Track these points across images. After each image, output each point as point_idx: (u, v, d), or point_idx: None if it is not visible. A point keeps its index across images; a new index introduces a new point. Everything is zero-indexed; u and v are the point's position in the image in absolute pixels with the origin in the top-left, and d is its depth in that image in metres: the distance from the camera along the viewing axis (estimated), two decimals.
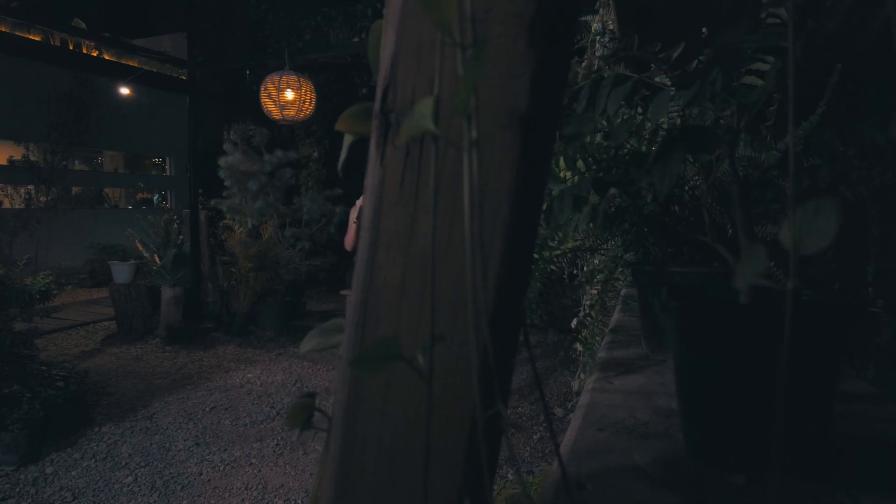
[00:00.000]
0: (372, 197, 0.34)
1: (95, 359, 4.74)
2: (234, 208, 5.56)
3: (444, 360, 0.30)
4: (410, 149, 0.32)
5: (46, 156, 6.85)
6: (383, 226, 0.33)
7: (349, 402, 0.34)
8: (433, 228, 0.30)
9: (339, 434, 0.34)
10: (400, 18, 0.32)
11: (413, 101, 0.31)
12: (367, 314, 0.34)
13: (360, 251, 0.34)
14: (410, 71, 0.32)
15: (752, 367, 0.50)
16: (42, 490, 2.78)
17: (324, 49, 5.67)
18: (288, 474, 2.95)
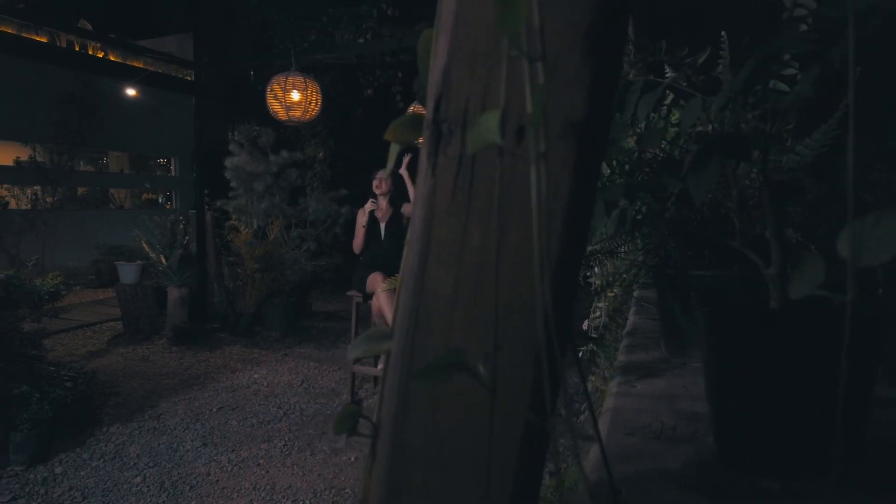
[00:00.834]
0: (423, 206, 0.34)
1: (102, 359, 4.75)
2: (240, 209, 5.58)
3: (498, 369, 0.30)
4: (463, 159, 0.32)
5: (53, 156, 6.88)
6: (435, 235, 0.33)
7: (398, 411, 0.34)
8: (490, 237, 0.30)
9: (388, 442, 0.34)
10: (453, 28, 0.32)
11: (467, 112, 0.32)
12: (417, 323, 0.34)
13: (409, 260, 0.35)
14: (464, 81, 0.32)
15: (787, 373, 0.50)
16: (52, 490, 2.80)
17: (329, 50, 5.67)
18: (296, 475, 2.96)
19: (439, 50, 0.33)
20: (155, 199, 11.17)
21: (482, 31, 0.31)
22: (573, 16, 0.29)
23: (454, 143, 0.32)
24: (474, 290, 0.32)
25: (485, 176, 0.31)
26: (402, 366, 0.34)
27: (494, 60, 0.30)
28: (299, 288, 5.78)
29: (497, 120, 0.25)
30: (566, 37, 0.29)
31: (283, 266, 5.45)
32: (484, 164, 0.31)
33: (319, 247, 6.08)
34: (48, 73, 6.81)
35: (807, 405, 0.49)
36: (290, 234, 5.90)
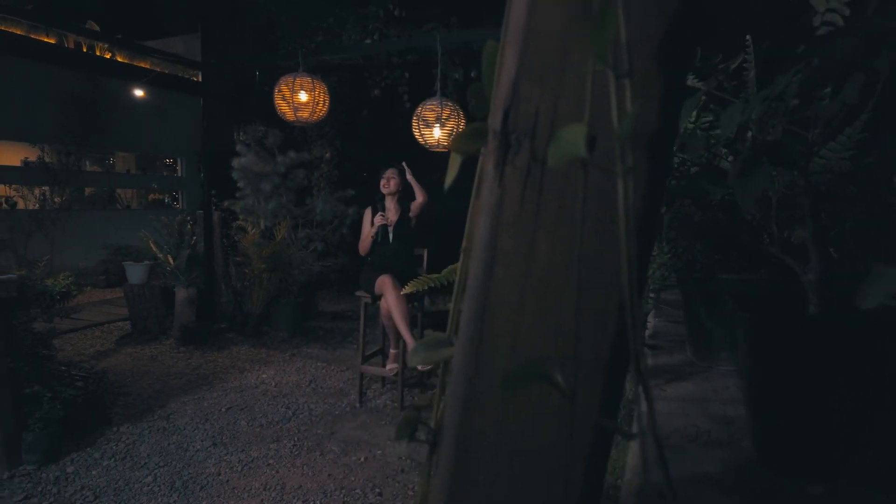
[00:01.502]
0: (488, 216, 0.34)
1: (111, 359, 4.77)
2: (248, 209, 5.59)
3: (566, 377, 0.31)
4: (531, 169, 0.32)
5: (61, 157, 6.91)
6: (501, 245, 0.33)
7: (463, 418, 0.35)
8: (559, 247, 0.30)
9: (452, 448, 0.35)
10: (523, 40, 0.32)
11: (537, 124, 0.32)
12: (483, 331, 0.34)
13: (475, 269, 0.35)
14: (534, 93, 0.32)
15: (830, 378, 0.51)
16: (64, 489, 2.81)
17: (336, 51, 5.68)
18: (306, 475, 2.96)
19: (507, 62, 0.33)
20: (161, 200, 11.20)
21: (552, 44, 0.31)
22: (645, 31, 0.29)
23: (522, 153, 0.33)
24: (542, 298, 0.32)
25: (554, 186, 0.32)
26: (467, 373, 0.34)
27: (565, 73, 0.31)
28: (306, 288, 5.79)
29: (584, 134, 0.25)
30: (642, 50, 0.29)
31: (291, 266, 5.47)
32: (553, 174, 0.32)
33: (326, 247, 6.09)
34: (56, 74, 6.84)
35: (850, 410, 0.50)
36: (298, 235, 5.91)
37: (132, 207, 10.51)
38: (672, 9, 0.28)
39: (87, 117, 7.47)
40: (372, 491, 2.81)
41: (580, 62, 0.30)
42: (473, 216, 0.36)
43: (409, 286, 1.07)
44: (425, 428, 0.40)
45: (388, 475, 2.97)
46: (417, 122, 4.61)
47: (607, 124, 0.27)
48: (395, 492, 2.81)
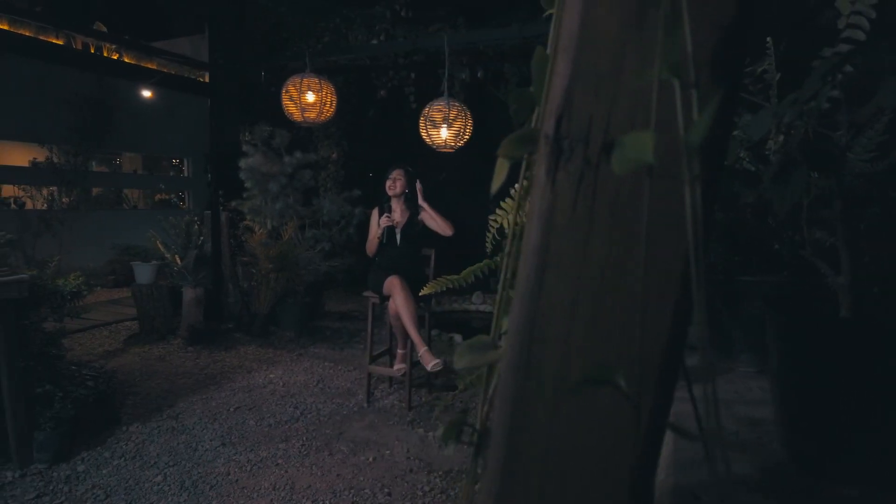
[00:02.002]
0: (540, 221, 0.35)
1: (119, 358, 4.80)
2: (255, 209, 5.61)
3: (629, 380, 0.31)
4: (584, 175, 0.33)
5: (69, 157, 6.95)
6: (553, 249, 0.34)
7: (514, 420, 0.35)
8: (613, 251, 0.30)
9: (502, 451, 0.35)
10: (577, 48, 0.32)
11: (590, 130, 0.32)
12: (533, 335, 0.35)
13: (526, 273, 0.35)
14: (587, 100, 0.33)
15: (868, 382, 0.51)
16: (75, 488, 2.83)
17: (344, 51, 5.69)
18: (315, 475, 2.97)
19: (559, 69, 0.34)
20: (168, 200, 11.24)
21: (606, 52, 0.31)
22: (700, 40, 0.29)
23: (575, 159, 0.33)
24: (595, 303, 0.32)
25: (607, 191, 0.32)
26: (518, 377, 0.35)
27: (620, 81, 0.31)
28: (313, 288, 5.81)
29: (651, 141, 0.25)
30: (697, 60, 0.29)
31: (298, 266, 5.48)
32: (606, 179, 0.32)
33: (333, 247, 6.11)
34: (64, 75, 6.88)
35: (886, 413, 0.50)
36: (305, 235, 5.93)
37: (139, 207, 10.55)
38: (727, 17, 0.29)
39: (95, 118, 7.50)
40: (381, 491, 2.82)
41: (635, 70, 0.30)
42: (525, 221, 0.36)
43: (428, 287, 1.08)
44: (470, 430, 0.40)
45: (397, 475, 2.98)
46: (424, 122, 4.62)
47: (669, 132, 0.27)
48: (404, 492, 2.82)
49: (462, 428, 0.39)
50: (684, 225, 0.30)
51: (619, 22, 0.31)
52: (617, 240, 0.32)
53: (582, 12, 0.31)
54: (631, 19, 0.30)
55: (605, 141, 0.32)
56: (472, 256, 5.36)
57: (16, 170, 7.75)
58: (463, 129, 4.62)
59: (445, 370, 4.47)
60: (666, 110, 0.28)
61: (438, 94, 4.78)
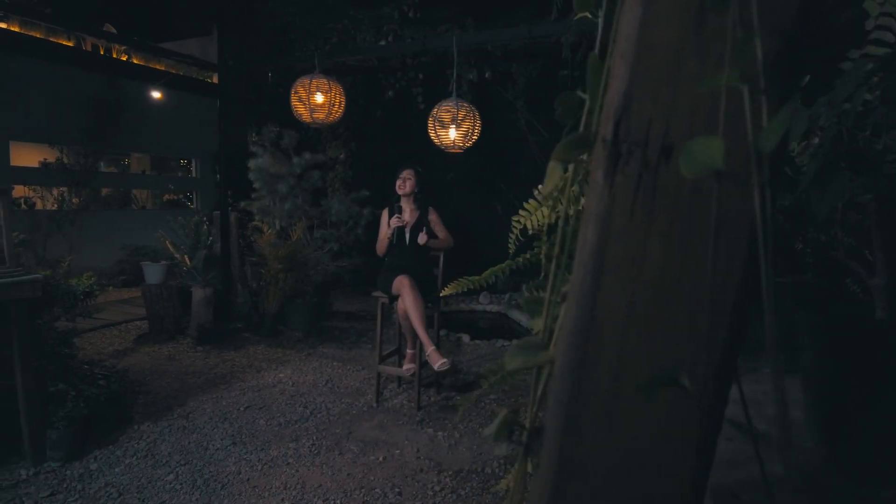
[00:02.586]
0: (597, 224, 0.35)
1: (129, 358, 4.83)
2: (264, 210, 5.63)
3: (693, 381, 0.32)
4: (642, 178, 0.33)
5: (79, 158, 7.00)
6: (610, 252, 0.34)
7: (568, 421, 0.35)
8: (671, 255, 0.31)
9: (555, 452, 0.36)
10: (635, 54, 0.33)
11: (649, 134, 0.33)
12: (589, 336, 0.35)
13: (582, 275, 0.36)
14: (646, 105, 0.33)
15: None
16: (88, 486, 2.84)
17: (352, 52, 5.71)
18: (325, 474, 2.98)
19: (618, 74, 0.34)
20: (176, 200, 11.30)
21: (665, 58, 0.32)
22: (766, 47, 0.29)
23: (633, 163, 0.34)
24: (652, 305, 0.33)
25: (666, 195, 0.33)
26: (573, 378, 0.35)
27: (678, 86, 0.32)
28: (321, 288, 5.82)
29: (722, 147, 0.26)
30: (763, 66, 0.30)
31: (307, 266, 5.50)
32: (665, 184, 0.33)
33: (341, 247, 6.13)
34: (74, 76, 6.93)
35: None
36: (314, 235, 5.95)
37: (147, 208, 10.62)
38: (788, 25, 0.29)
39: (104, 119, 7.55)
40: (392, 490, 2.82)
41: (695, 76, 0.31)
42: (584, 224, 0.36)
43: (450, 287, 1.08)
44: (520, 429, 0.40)
45: (407, 475, 2.99)
46: (433, 122, 4.63)
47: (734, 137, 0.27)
48: (414, 491, 2.83)
49: (513, 427, 0.40)
50: (743, 228, 0.31)
51: (679, 28, 0.31)
52: (675, 243, 0.32)
53: (641, 19, 0.32)
54: (690, 26, 0.31)
55: (663, 145, 0.32)
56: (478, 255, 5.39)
57: (26, 170, 7.81)
58: (471, 130, 4.62)
59: (453, 370, 4.48)
60: (730, 115, 0.28)
61: (446, 94, 4.79)
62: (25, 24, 6.20)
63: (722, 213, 0.30)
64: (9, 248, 2.92)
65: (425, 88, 6.55)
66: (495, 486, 2.89)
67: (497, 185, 7.46)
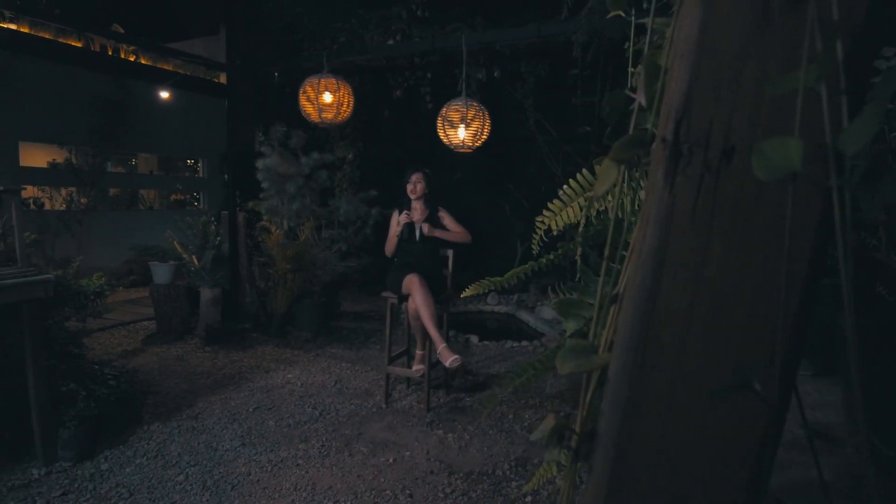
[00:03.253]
0: (656, 224, 0.34)
1: (138, 358, 4.84)
2: (272, 210, 5.64)
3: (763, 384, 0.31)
4: (704, 179, 0.32)
5: (87, 159, 7.03)
6: (670, 253, 0.33)
7: (623, 424, 0.34)
8: (734, 256, 0.30)
9: (611, 454, 0.35)
10: (696, 55, 0.32)
11: (710, 135, 0.32)
12: (648, 339, 0.34)
13: (640, 276, 0.35)
14: (708, 106, 0.32)
15: None
16: (99, 486, 2.85)
17: (360, 52, 5.71)
18: (335, 475, 2.98)
19: (677, 74, 0.33)
20: (182, 200, 11.35)
21: (727, 59, 0.31)
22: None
23: (695, 163, 0.33)
24: (713, 307, 0.32)
25: (728, 196, 0.32)
26: (629, 383, 0.34)
27: (740, 87, 0.31)
28: (329, 288, 5.83)
29: (799, 148, 0.25)
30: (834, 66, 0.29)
31: (315, 266, 5.50)
32: (728, 184, 0.32)
33: (349, 247, 6.13)
34: (82, 76, 6.96)
35: None
36: (322, 235, 5.96)
37: (154, 208, 10.66)
38: (858, 25, 0.28)
39: (112, 119, 7.59)
40: (402, 493, 2.82)
41: (757, 77, 0.30)
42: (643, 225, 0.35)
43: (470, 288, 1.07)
44: (570, 433, 0.39)
45: (418, 477, 2.98)
46: (442, 122, 4.62)
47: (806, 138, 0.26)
48: (425, 493, 2.82)
49: (563, 432, 0.39)
50: (809, 230, 0.30)
51: (741, 29, 0.30)
52: (738, 245, 0.31)
53: (702, 20, 0.31)
54: (753, 27, 0.30)
55: (725, 146, 0.31)
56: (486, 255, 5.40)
57: (36, 171, 7.86)
58: (481, 129, 4.61)
59: (463, 370, 4.47)
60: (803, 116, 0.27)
61: (454, 94, 4.78)
62: (35, 25, 6.24)
63: (793, 214, 0.29)
64: (21, 249, 2.93)
65: (433, 88, 6.54)
66: (507, 489, 2.88)
67: (505, 185, 7.45)
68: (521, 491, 1.17)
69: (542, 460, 3.16)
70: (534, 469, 3.07)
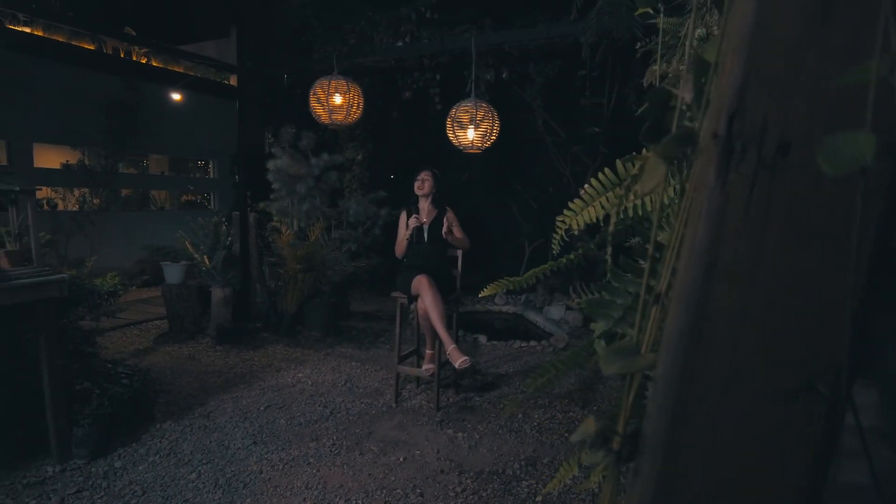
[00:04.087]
0: (708, 223, 0.34)
1: (150, 357, 4.88)
2: (283, 211, 5.67)
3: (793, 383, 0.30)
4: (758, 176, 0.32)
5: (99, 160, 7.10)
6: (722, 253, 0.33)
7: (672, 426, 0.34)
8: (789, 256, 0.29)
9: (658, 457, 0.34)
10: (750, 47, 0.32)
11: (765, 131, 0.32)
12: (699, 342, 0.34)
13: (690, 276, 0.34)
14: (763, 100, 0.32)
15: None
16: (113, 484, 2.87)
17: (370, 53, 5.72)
18: (346, 474, 2.99)
19: (731, 69, 0.33)
20: (194, 201, 11.42)
21: (783, 51, 0.31)
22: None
23: (748, 160, 0.32)
24: (767, 308, 0.32)
25: (783, 194, 0.31)
26: (678, 385, 0.34)
27: (797, 82, 0.30)
28: (339, 288, 5.85)
29: (872, 143, 0.24)
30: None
31: (325, 267, 5.52)
32: (783, 181, 0.31)
33: (359, 248, 6.15)
34: (95, 79, 7.03)
35: None
36: (332, 236, 5.98)
37: (165, 209, 10.74)
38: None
39: (124, 121, 7.65)
40: (413, 491, 2.82)
41: (816, 70, 0.30)
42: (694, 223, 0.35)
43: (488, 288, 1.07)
44: (613, 437, 0.39)
45: (428, 476, 2.98)
46: (451, 123, 4.62)
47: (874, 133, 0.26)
48: (436, 492, 2.82)
49: (607, 435, 0.38)
50: (870, 229, 0.29)
51: (799, 20, 0.30)
52: (795, 242, 0.31)
53: (756, 11, 0.30)
54: (812, 17, 0.29)
55: (781, 141, 0.31)
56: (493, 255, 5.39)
57: (49, 172, 7.94)
58: (490, 130, 4.61)
59: (472, 370, 4.46)
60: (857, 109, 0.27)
61: (462, 95, 4.78)
62: (49, 29, 6.31)
63: (844, 211, 0.29)
64: (36, 249, 2.96)
65: (442, 89, 6.55)
66: (518, 488, 2.87)
67: (513, 185, 7.44)
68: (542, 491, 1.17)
69: (551, 460, 3.15)
70: (544, 468, 3.07)
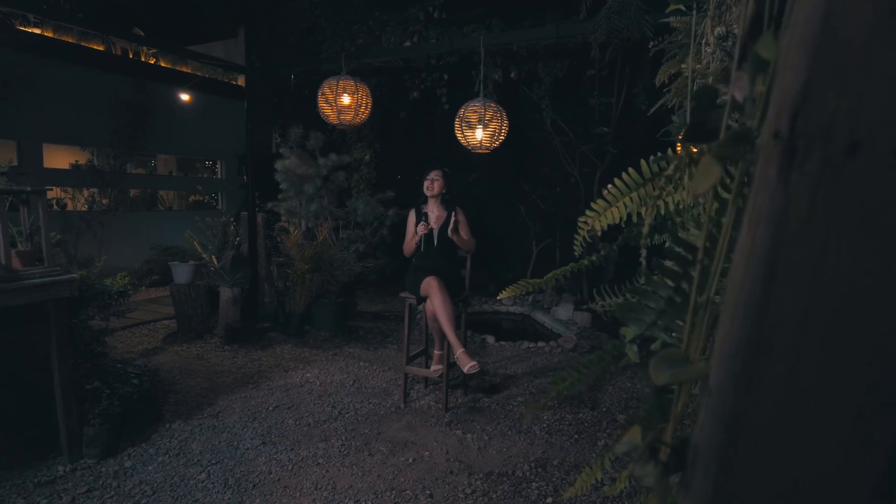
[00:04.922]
0: (768, 226, 0.32)
1: (158, 356, 4.89)
2: (291, 211, 5.67)
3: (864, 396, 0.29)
4: (824, 175, 0.30)
5: (109, 160, 7.13)
6: (784, 256, 0.31)
7: (728, 437, 0.33)
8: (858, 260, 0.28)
9: (713, 471, 0.33)
10: (817, 40, 0.30)
11: (832, 128, 0.30)
12: (757, 349, 0.32)
13: (749, 281, 0.33)
14: (829, 97, 0.30)
15: None
16: (123, 483, 2.88)
17: (378, 53, 5.72)
18: (355, 475, 2.98)
19: (794, 63, 0.31)
20: (201, 201, 11.47)
21: (853, 45, 0.29)
22: None
23: (812, 159, 0.31)
24: (832, 316, 0.30)
25: (853, 195, 0.30)
26: (734, 396, 0.33)
27: (868, 74, 0.29)
28: (347, 288, 5.85)
29: None
30: None
31: (333, 267, 5.52)
32: (851, 182, 0.30)
33: (366, 248, 6.15)
34: (103, 79, 7.06)
35: None
36: (340, 236, 5.98)
37: (174, 209, 10.78)
38: None
39: (133, 121, 7.67)
40: (423, 493, 2.81)
41: (889, 64, 0.28)
42: (751, 225, 0.34)
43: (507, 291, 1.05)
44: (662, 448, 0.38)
45: (438, 477, 2.97)
46: (460, 123, 4.60)
47: None
48: (445, 494, 2.81)
49: (656, 446, 0.37)
50: None
51: (872, 11, 0.28)
52: (863, 246, 0.29)
53: (825, 2, 0.29)
54: (887, 7, 0.28)
55: (850, 140, 0.30)
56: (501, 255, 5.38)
57: (59, 172, 7.99)
58: (498, 130, 4.59)
59: (480, 372, 4.45)
60: None
61: (470, 95, 4.76)
62: (59, 30, 6.34)
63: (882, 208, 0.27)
64: (47, 249, 2.97)
65: (450, 89, 6.53)
66: (528, 490, 2.86)
67: (520, 185, 7.42)
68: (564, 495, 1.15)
69: (561, 462, 3.14)
70: (554, 470, 3.05)
